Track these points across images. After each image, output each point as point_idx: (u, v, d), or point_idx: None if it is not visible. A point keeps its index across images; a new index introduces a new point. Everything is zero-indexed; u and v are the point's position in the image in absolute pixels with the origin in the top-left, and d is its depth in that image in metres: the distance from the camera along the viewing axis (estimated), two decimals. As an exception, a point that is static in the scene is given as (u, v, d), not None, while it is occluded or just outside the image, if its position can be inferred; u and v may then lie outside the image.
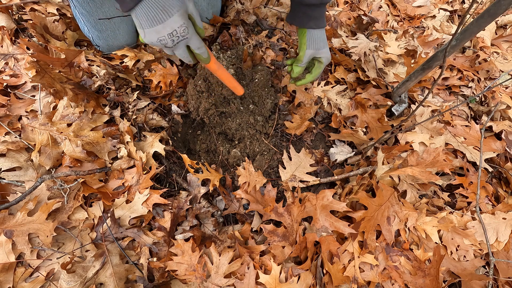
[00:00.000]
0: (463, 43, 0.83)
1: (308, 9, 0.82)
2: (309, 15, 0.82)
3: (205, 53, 0.70)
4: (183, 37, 0.63)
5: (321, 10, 0.82)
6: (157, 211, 0.87)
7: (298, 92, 1.16)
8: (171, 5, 0.60)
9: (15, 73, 1.00)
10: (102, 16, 0.99)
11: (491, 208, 1.00)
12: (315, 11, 0.81)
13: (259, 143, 1.07)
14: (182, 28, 0.62)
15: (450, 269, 0.87)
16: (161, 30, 0.60)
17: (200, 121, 1.10)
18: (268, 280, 0.77)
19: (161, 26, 0.60)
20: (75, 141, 0.87)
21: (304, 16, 0.83)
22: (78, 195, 0.83)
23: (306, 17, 0.83)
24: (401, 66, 1.30)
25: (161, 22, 0.59)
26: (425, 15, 1.61)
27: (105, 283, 0.75)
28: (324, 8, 0.83)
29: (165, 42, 0.62)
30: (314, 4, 0.80)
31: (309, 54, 0.87)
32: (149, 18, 0.59)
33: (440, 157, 0.94)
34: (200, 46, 0.68)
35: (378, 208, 0.87)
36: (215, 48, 1.05)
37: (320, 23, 0.83)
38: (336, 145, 1.11)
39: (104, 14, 0.99)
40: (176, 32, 0.61)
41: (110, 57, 1.12)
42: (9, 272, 0.71)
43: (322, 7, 0.82)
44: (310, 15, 0.82)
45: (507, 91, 1.30)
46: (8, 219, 0.75)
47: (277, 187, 0.97)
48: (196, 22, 0.67)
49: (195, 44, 0.67)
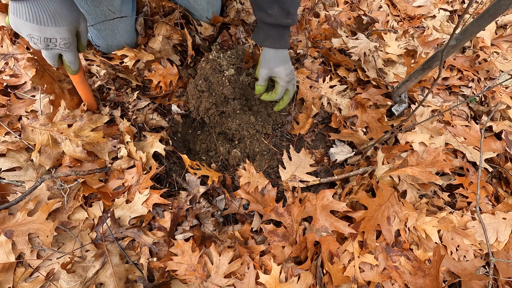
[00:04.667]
0: (463, 43, 0.83)
1: (267, 28, 0.85)
2: (267, 34, 0.86)
3: (75, 67, 0.77)
4: (60, 48, 0.68)
5: (279, 31, 0.85)
6: (157, 211, 0.87)
7: (300, 88, 1.16)
8: (63, 17, 0.64)
9: (15, 73, 1.00)
10: (100, 15, 0.99)
11: (491, 208, 1.00)
12: (272, 31, 0.85)
13: (259, 143, 1.07)
14: (63, 42, 0.67)
15: (450, 269, 0.87)
16: (38, 30, 0.63)
17: (200, 121, 1.10)
18: (268, 280, 0.77)
19: (39, 27, 0.62)
20: (76, 141, 0.87)
21: (263, 34, 0.87)
22: (78, 195, 0.83)
23: (264, 35, 0.86)
24: (401, 66, 1.30)
25: (42, 24, 0.62)
26: (425, 15, 1.61)
27: (105, 283, 0.75)
28: (285, 30, 0.86)
29: (35, 41, 0.65)
30: (271, 23, 0.83)
31: (263, 73, 0.92)
32: (33, 14, 0.61)
33: (440, 157, 0.94)
34: (73, 60, 0.74)
35: (378, 208, 0.87)
36: (215, 48, 1.05)
37: (276, 43, 0.87)
38: (336, 145, 1.11)
39: (102, 13, 0.99)
40: (55, 40, 0.66)
41: (110, 57, 1.12)
42: (9, 272, 0.71)
43: (280, 29, 0.85)
44: (268, 34, 0.86)
45: (507, 91, 1.30)
46: (8, 219, 0.75)
47: (277, 187, 0.97)
48: (81, 40, 0.73)
49: (68, 58, 0.73)
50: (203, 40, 1.24)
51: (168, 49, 1.16)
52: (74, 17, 0.67)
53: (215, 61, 1.01)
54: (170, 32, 1.16)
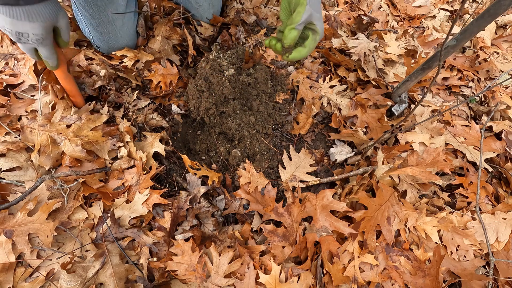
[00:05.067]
0: (463, 43, 0.83)
1: None
2: None
3: (53, 63, 0.77)
4: (33, 43, 0.68)
5: None
6: (157, 211, 0.87)
7: (300, 88, 1.16)
8: (38, 14, 0.63)
9: (14, 73, 1.00)
10: (104, 19, 0.99)
11: (491, 208, 1.00)
12: None
13: (259, 143, 1.07)
14: (36, 37, 0.67)
15: (450, 269, 0.87)
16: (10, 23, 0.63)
17: (200, 121, 1.10)
18: (268, 280, 0.77)
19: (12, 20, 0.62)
20: (75, 141, 0.87)
21: None
22: (78, 195, 0.83)
23: None
24: (401, 66, 1.30)
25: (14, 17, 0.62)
26: (425, 15, 1.61)
27: (105, 283, 0.75)
28: None
29: (7, 32, 0.65)
30: None
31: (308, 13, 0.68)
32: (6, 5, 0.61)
33: (440, 157, 0.94)
34: (49, 56, 0.74)
35: (378, 208, 0.87)
36: (215, 48, 1.05)
37: None
38: (336, 145, 1.11)
39: (106, 17, 0.99)
40: (27, 35, 0.66)
41: (110, 57, 1.11)
42: (9, 272, 0.71)
43: None
44: None
45: (507, 91, 1.30)
46: (8, 219, 0.75)
47: (277, 187, 0.97)
48: (62, 35, 0.73)
49: (44, 53, 0.73)
50: (203, 40, 1.24)
51: (167, 49, 1.16)
52: (50, 13, 0.65)
53: (215, 61, 1.01)
54: (170, 32, 1.16)
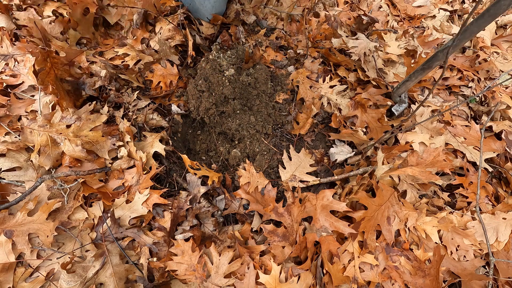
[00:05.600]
0: (463, 43, 0.83)
1: None
2: None
3: None
4: None
5: None
6: (157, 211, 0.87)
7: (300, 88, 1.16)
8: None
9: (14, 74, 1.00)
10: None
11: (491, 208, 1.00)
12: None
13: (259, 143, 1.07)
14: None
15: (450, 269, 0.87)
16: None
17: (200, 121, 1.10)
18: (268, 280, 0.77)
19: None
20: (75, 141, 0.87)
21: None
22: (78, 195, 0.83)
23: None
24: (401, 66, 1.30)
25: None
26: (425, 15, 1.61)
27: (105, 283, 0.75)
28: None
29: None
30: None
31: None
32: None
33: (440, 157, 0.94)
34: None
35: (378, 208, 0.87)
36: (215, 48, 1.06)
37: None
38: (336, 145, 1.11)
39: None
40: None
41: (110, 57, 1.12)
42: (9, 272, 0.71)
43: None
44: None
45: (507, 91, 1.30)
46: (8, 219, 0.75)
47: (277, 187, 0.97)
48: None
49: None
50: (204, 39, 1.24)
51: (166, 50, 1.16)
52: None
53: (215, 61, 1.02)
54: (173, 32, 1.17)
